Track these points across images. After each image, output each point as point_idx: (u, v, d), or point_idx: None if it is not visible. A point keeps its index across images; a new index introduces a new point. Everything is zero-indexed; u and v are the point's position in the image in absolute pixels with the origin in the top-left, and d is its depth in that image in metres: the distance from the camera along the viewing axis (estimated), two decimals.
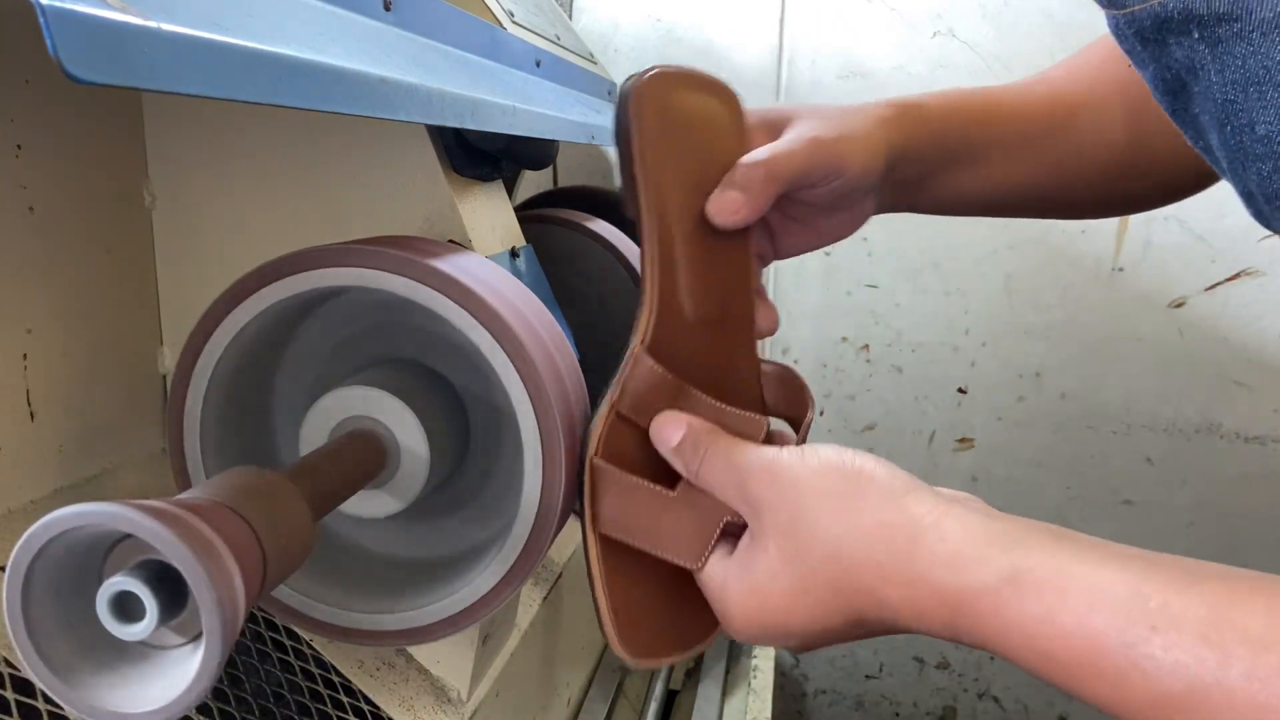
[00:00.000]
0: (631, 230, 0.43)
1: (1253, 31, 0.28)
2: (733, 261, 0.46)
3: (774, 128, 0.48)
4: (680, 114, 0.44)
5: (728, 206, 0.44)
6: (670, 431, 0.41)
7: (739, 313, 0.46)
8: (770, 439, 0.43)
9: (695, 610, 0.42)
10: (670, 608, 0.42)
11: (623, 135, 0.44)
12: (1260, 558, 1.14)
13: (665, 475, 0.41)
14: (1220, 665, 0.25)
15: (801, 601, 0.35)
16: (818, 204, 0.49)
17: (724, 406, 0.43)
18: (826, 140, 0.45)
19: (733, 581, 0.38)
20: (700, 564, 0.39)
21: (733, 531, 0.39)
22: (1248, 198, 0.33)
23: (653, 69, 0.44)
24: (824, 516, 0.35)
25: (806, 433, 0.46)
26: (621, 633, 0.40)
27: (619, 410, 0.42)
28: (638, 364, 0.42)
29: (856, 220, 0.51)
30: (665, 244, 0.43)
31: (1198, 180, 0.56)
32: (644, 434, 0.42)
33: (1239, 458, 1.12)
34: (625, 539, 0.40)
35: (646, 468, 0.41)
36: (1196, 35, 0.30)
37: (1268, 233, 0.41)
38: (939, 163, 0.51)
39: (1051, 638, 0.28)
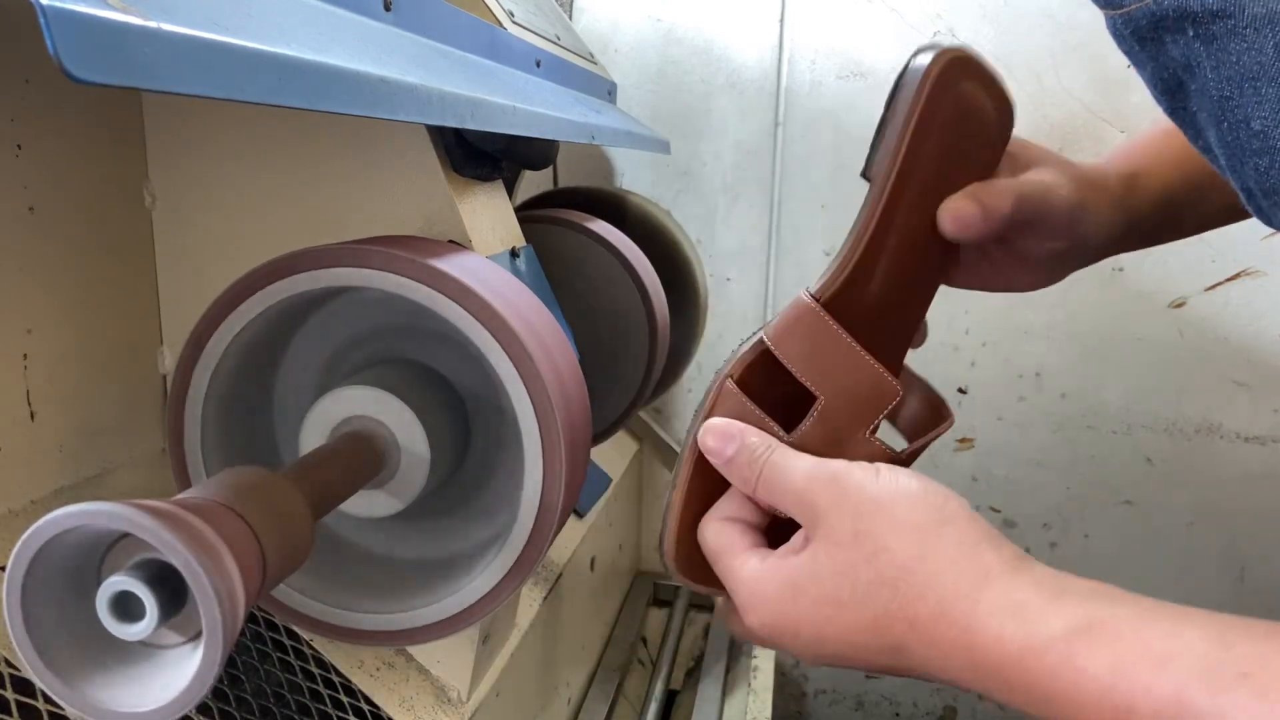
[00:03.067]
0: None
1: (1245, 28, 0.28)
2: (928, 265, 0.44)
3: (1016, 162, 0.47)
4: (960, 108, 0.42)
5: (962, 217, 0.41)
6: (722, 444, 0.39)
7: (908, 316, 0.44)
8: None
9: None
10: None
11: (904, 101, 0.42)
12: (1260, 558, 1.14)
13: (786, 420, 0.40)
14: None
15: (841, 615, 0.34)
16: (1022, 255, 0.48)
17: (875, 440, 0.41)
18: (1075, 201, 0.45)
19: (767, 573, 0.37)
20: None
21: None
22: (1247, 194, 0.33)
23: (961, 50, 0.42)
24: (895, 542, 0.34)
25: (915, 456, 0.43)
26: (680, 537, 0.41)
27: (770, 342, 0.41)
28: (812, 317, 0.41)
29: (1049, 278, 0.50)
30: (884, 222, 0.42)
31: None
32: (784, 376, 0.41)
33: (1239, 458, 1.12)
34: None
35: (771, 407, 0.41)
36: (1192, 33, 0.30)
37: (1270, 231, 0.41)
38: (1163, 224, 0.50)
39: (1130, 690, 0.27)
